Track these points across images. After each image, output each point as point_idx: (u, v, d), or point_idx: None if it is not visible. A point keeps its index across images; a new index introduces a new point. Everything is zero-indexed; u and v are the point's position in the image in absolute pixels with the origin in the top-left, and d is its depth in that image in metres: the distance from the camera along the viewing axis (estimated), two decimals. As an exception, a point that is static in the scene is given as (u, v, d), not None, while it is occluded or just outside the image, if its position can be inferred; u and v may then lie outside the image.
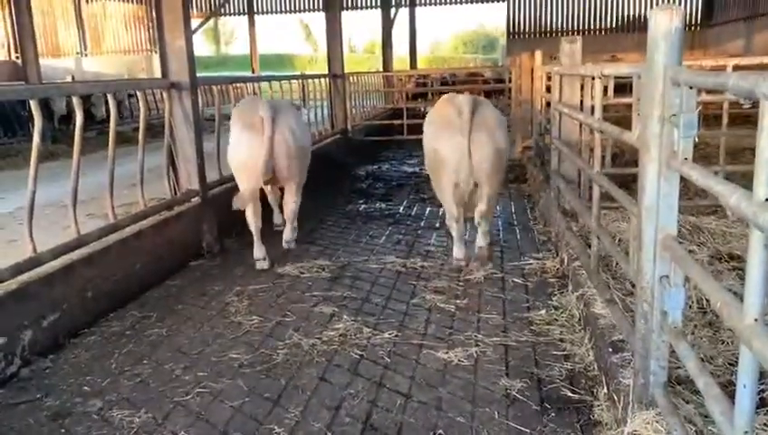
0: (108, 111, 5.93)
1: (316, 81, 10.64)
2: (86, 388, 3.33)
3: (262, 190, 5.52)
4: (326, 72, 11.49)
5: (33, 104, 4.03)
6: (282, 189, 5.55)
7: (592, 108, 4.33)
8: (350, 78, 11.96)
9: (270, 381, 3.33)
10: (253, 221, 5.21)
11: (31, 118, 3.98)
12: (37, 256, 3.79)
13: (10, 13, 20.14)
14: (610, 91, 5.15)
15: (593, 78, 3.99)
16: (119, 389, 3.30)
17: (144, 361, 3.61)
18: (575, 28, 25.78)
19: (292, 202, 5.41)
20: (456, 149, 4.53)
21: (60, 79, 18.15)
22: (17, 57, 19.02)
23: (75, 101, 4.53)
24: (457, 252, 5.08)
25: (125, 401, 3.18)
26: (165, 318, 4.21)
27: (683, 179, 2.18)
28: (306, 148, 5.48)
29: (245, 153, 4.98)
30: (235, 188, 5.30)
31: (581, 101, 4.99)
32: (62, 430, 2.94)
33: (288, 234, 5.65)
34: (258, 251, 5.25)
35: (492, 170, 4.66)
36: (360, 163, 10.61)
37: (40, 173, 3.93)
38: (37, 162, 3.91)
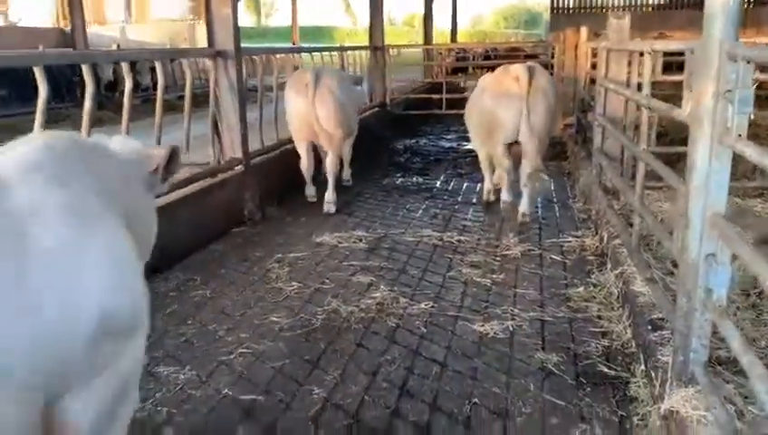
0: (154, 78, 6.03)
1: (356, 53, 10.62)
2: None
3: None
4: (365, 44, 11.45)
5: (86, 69, 4.14)
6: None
7: (639, 84, 4.26)
8: (390, 50, 11.90)
9: (309, 345, 3.42)
10: (305, 168, 6.20)
11: (80, 84, 4.09)
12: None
13: (59, -20, 20.50)
14: (658, 69, 5.04)
15: (642, 54, 3.91)
16: (165, 346, 3.43)
17: (189, 321, 3.73)
18: (621, 4, 25.08)
19: (331, 160, 6.05)
20: (515, 112, 5.11)
21: (105, 46, 18.47)
22: (65, 24, 19.37)
23: (124, 67, 4.64)
24: (506, 194, 5.66)
25: (171, 359, 3.31)
26: (208, 281, 4.33)
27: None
28: (347, 109, 6.04)
29: (295, 112, 5.93)
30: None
31: (628, 78, 4.90)
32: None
33: (329, 195, 6.07)
34: (309, 189, 6.34)
35: (543, 132, 5.27)
36: (398, 137, 10.60)
37: (91, 137, 4.04)
38: (89, 127, 4.03)
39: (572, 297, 3.96)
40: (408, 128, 11.45)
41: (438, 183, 7.39)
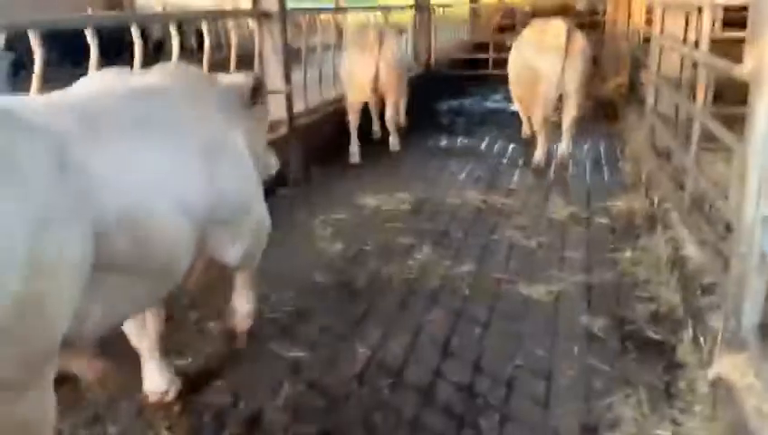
0: (199, 40, 6.07)
1: (400, 12, 10.44)
2: (183, 300, 3.56)
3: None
4: (410, 2, 11.23)
5: (134, 30, 4.18)
6: (383, 102, 6.66)
7: (696, 42, 4.07)
8: (436, 11, 11.65)
9: (353, 305, 3.46)
10: (353, 122, 6.52)
11: (128, 44, 4.15)
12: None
13: (105, -58, 20.67)
14: (717, 24, 4.80)
15: (700, 9, 3.73)
16: (213, 303, 3.51)
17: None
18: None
19: (391, 113, 6.58)
20: (554, 68, 5.49)
21: (151, 8, 18.61)
22: (112, -13, 19.57)
23: (171, 28, 4.67)
24: (539, 155, 6.00)
25: (218, 315, 3.39)
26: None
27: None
28: (404, 66, 6.67)
29: (358, 69, 6.24)
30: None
31: (685, 35, 4.69)
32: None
33: (393, 140, 6.86)
34: (353, 147, 6.54)
35: (579, 84, 5.66)
36: (443, 98, 10.45)
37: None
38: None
39: (620, 261, 3.89)
40: (453, 88, 11.26)
41: (483, 145, 7.28)
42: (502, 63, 9.79)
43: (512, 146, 7.12)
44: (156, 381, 2.61)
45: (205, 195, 2.07)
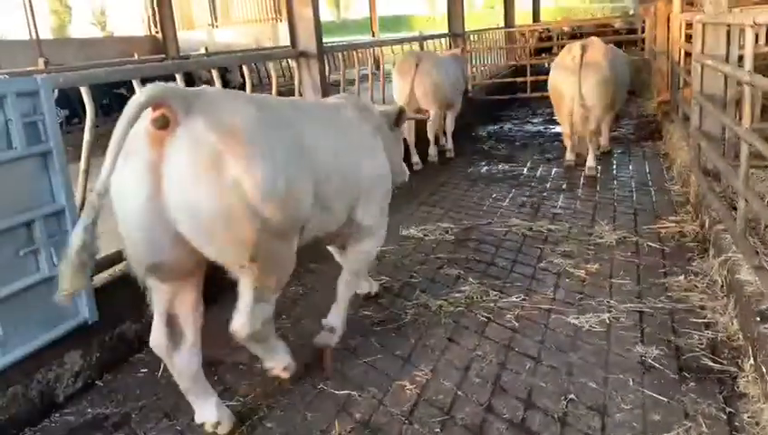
0: (242, 75, 6.25)
1: (436, 41, 10.54)
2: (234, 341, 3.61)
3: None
4: (445, 31, 11.33)
5: (179, 78, 4.34)
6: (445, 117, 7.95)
7: (740, 58, 3.99)
8: (471, 36, 11.73)
9: (400, 340, 3.45)
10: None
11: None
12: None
13: (150, -9, 21.55)
14: (761, 39, 4.70)
15: (742, 29, 3.66)
16: (262, 342, 3.56)
17: (284, 316, 3.85)
18: (718, -32, 23.41)
19: (430, 126, 7.45)
20: (569, 83, 6.36)
21: (194, 50, 19.24)
22: (157, 32, 20.35)
23: (214, 73, 4.83)
24: (569, 155, 6.99)
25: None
26: (300, 276, 4.45)
27: None
28: (443, 87, 7.28)
29: (399, 93, 7.13)
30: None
31: (727, 52, 4.60)
32: (215, 378, 3.23)
33: (432, 150, 7.76)
34: (413, 157, 7.33)
35: (596, 100, 6.38)
36: (482, 123, 10.45)
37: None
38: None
39: (672, 287, 3.79)
40: (491, 113, 11.27)
41: (525, 170, 7.23)
42: (540, 86, 9.80)
43: (555, 170, 7.06)
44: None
45: (358, 171, 3.07)
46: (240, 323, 2.61)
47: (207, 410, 2.76)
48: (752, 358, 2.79)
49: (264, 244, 2.37)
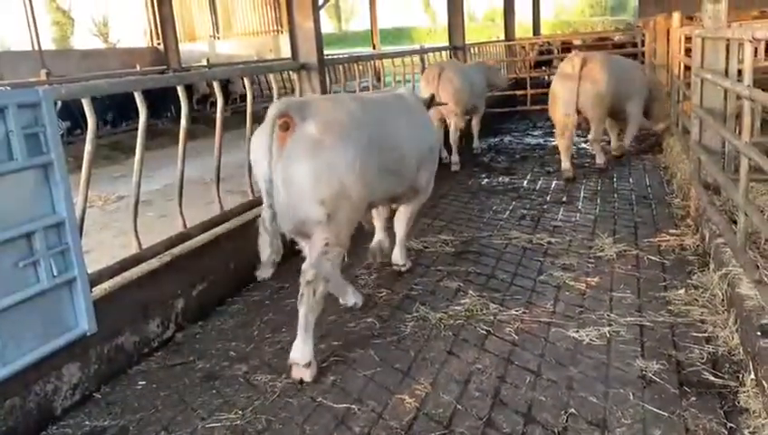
0: (244, 86, 6.28)
1: (436, 54, 10.59)
2: (232, 353, 3.61)
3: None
4: (445, 43, 11.39)
5: (180, 90, 4.36)
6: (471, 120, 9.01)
7: (739, 72, 4.01)
8: (471, 49, 11.78)
9: (400, 353, 3.44)
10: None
11: (174, 101, 4.37)
12: (187, 231, 4.13)
13: (152, 3, 21.67)
14: (761, 53, 4.71)
15: (741, 44, 3.67)
16: (261, 355, 3.56)
17: (283, 329, 3.84)
18: (717, -18, 23.48)
19: (452, 129, 8.12)
20: (567, 90, 7.01)
21: (196, 62, 19.36)
22: (159, 43, 20.47)
23: (216, 85, 4.85)
24: (565, 163, 7.25)
25: (267, 367, 3.42)
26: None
27: None
28: (465, 92, 8.06)
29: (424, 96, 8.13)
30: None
31: (726, 66, 4.61)
32: (213, 391, 3.22)
33: (455, 157, 8.24)
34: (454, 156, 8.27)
35: (592, 106, 7.09)
36: (482, 136, 10.45)
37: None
38: (185, 144, 4.24)
39: (673, 300, 3.78)
40: (491, 126, 11.28)
41: (525, 182, 7.24)
42: (540, 99, 9.83)
43: (555, 183, 7.07)
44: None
45: (420, 144, 4.05)
46: (307, 265, 3.35)
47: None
48: (753, 373, 2.78)
49: (338, 205, 3.24)
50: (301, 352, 3.26)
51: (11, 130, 2.77)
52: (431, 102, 4.77)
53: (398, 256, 4.64)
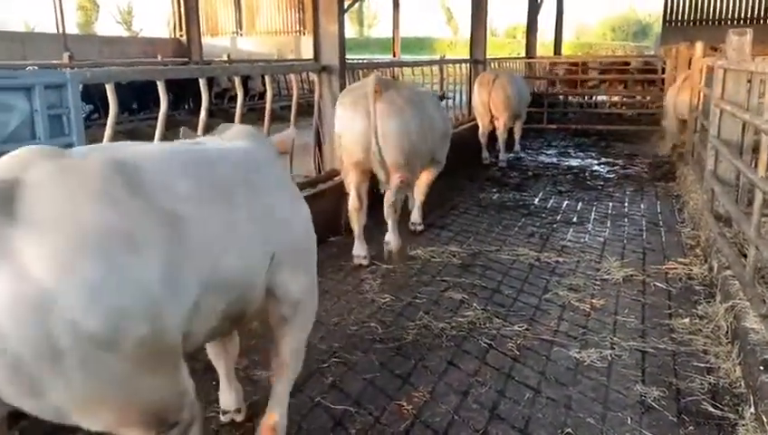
0: (263, 84, 6.32)
1: (456, 66, 10.62)
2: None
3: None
4: (465, 56, 11.42)
5: (202, 83, 4.40)
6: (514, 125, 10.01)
7: (760, 105, 4.01)
8: (492, 64, 11.81)
9: (401, 359, 3.45)
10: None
11: (193, 93, 4.42)
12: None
13: (178, -5, 21.86)
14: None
15: (764, 79, 3.68)
16: (262, 350, 3.56)
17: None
18: (743, 16, 23.43)
19: (500, 131, 9.24)
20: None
21: (217, 56, 19.47)
22: (181, 35, 20.63)
23: (237, 80, 4.89)
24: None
25: (267, 363, 3.42)
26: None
27: None
28: (513, 99, 9.11)
29: (478, 101, 9.21)
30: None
31: (748, 99, 4.62)
32: (214, 383, 3.23)
33: (503, 156, 9.55)
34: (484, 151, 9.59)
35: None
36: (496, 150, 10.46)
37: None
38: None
39: (677, 328, 3.78)
40: (506, 142, 11.27)
41: (537, 200, 7.24)
42: (556, 117, 9.83)
43: (566, 202, 7.07)
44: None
45: (439, 128, 5.44)
46: (389, 195, 4.92)
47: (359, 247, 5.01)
48: (752, 406, 2.77)
49: (411, 154, 4.78)
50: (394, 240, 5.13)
51: (36, 110, 2.81)
52: (442, 97, 6.77)
53: (416, 216, 5.86)
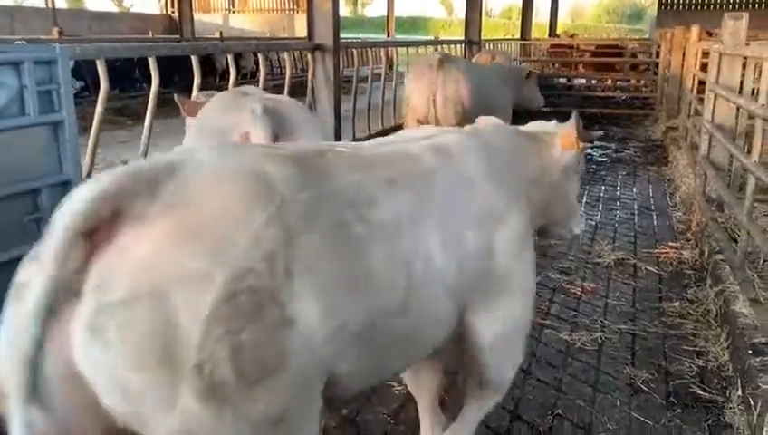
0: (256, 62, 6.27)
1: (451, 46, 10.55)
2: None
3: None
4: (460, 36, 11.36)
5: (195, 61, 4.35)
6: None
7: (753, 91, 4.01)
8: (486, 45, 11.74)
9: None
10: None
11: (182, 71, 4.36)
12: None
13: (169, -30, 21.56)
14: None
15: (758, 64, 3.67)
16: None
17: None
18: (739, 1, 23.39)
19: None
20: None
21: (209, 33, 19.26)
22: (173, 12, 20.36)
23: (230, 58, 4.84)
24: None
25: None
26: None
27: None
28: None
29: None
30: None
31: (741, 83, 4.62)
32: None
33: None
34: None
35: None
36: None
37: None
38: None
39: (667, 312, 3.80)
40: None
41: (529, 183, 7.23)
42: (550, 100, 9.83)
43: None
44: None
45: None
46: None
47: None
48: (740, 390, 2.80)
49: (465, 118, 4.52)
50: None
51: (25, 86, 2.76)
52: (529, 74, 7.53)
53: None
